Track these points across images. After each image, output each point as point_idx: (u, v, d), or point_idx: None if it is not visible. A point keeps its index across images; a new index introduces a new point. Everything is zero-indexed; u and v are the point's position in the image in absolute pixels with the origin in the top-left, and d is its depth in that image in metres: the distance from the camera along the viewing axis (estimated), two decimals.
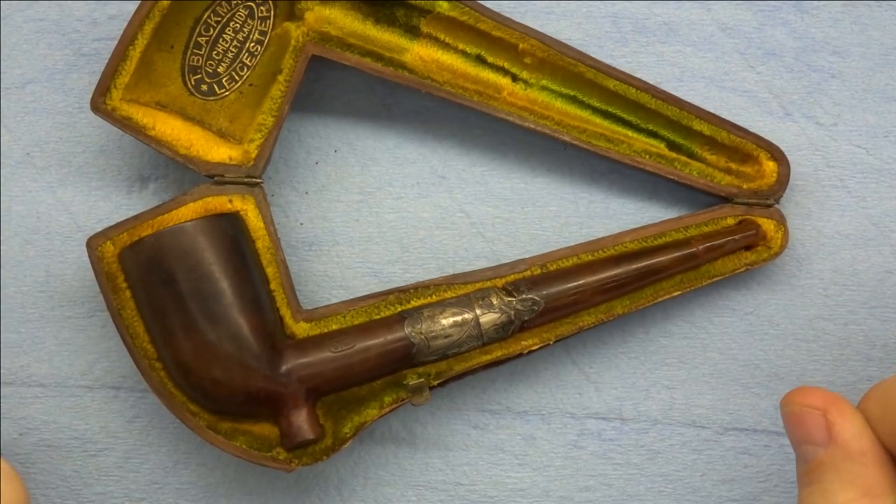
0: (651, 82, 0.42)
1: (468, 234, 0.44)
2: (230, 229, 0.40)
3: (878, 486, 0.35)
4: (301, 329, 0.41)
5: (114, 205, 0.43)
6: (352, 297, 0.42)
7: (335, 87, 0.44)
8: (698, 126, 0.43)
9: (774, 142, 0.43)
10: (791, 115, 0.44)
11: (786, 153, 0.43)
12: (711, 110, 0.43)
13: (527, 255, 0.43)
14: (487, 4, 0.42)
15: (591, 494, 0.44)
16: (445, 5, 0.41)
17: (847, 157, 0.44)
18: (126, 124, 0.40)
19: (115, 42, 0.40)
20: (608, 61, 0.42)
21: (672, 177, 0.43)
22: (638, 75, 0.43)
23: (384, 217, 0.44)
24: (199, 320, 0.38)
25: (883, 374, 0.40)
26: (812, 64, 0.44)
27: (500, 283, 0.42)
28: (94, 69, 0.43)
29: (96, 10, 0.43)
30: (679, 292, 0.42)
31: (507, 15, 0.42)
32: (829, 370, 0.44)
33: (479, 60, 0.42)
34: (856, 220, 0.44)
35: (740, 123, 0.43)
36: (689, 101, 0.43)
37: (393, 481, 0.44)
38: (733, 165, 0.43)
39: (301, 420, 0.39)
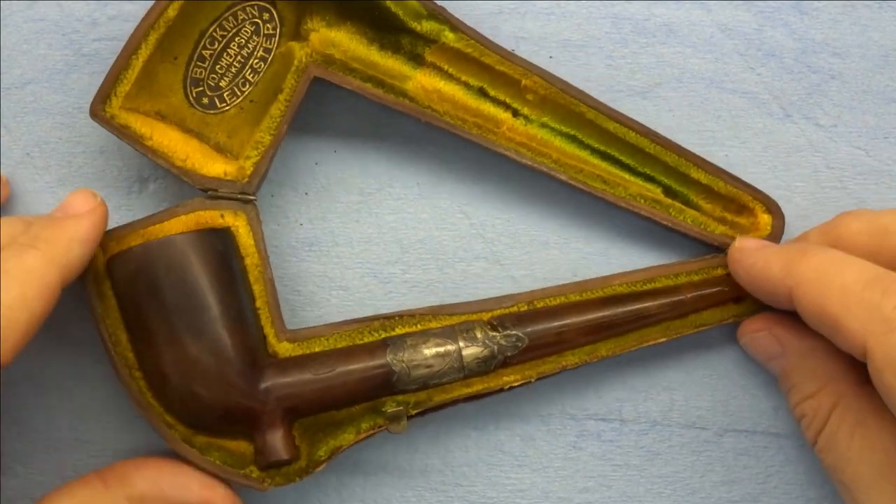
0: (651, 83, 0.42)
1: (468, 235, 0.44)
2: (220, 245, 0.40)
3: (837, 373, 0.40)
4: (284, 349, 0.41)
5: (113, 205, 0.43)
6: (351, 297, 0.42)
7: (336, 89, 0.43)
8: (696, 174, 0.42)
9: (774, 143, 0.42)
10: (791, 116, 0.44)
11: (786, 154, 0.42)
12: (711, 111, 0.43)
13: (526, 257, 0.43)
14: (490, 6, 0.41)
15: (591, 496, 0.44)
16: (451, 36, 0.41)
17: (847, 159, 0.44)
18: (124, 132, 0.40)
19: (116, 42, 0.40)
20: (608, 62, 0.42)
21: (666, 223, 0.42)
22: (638, 76, 0.43)
23: (384, 218, 0.44)
24: (181, 333, 0.38)
25: None
26: (812, 65, 0.44)
27: (486, 316, 0.42)
28: (94, 69, 0.43)
29: (96, 10, 0.43)
30: (665, 339, 0.42)
31: (507, 16, 0.41)
32: None
33: (481, 93, 0.42)
34: None
35: (741, 124, 0.43)
36: (688, 104, 0.42)
37: (392, 482, 0.44)
38: (728, 215, 0.43)
39: (276, 440, 0.39)
